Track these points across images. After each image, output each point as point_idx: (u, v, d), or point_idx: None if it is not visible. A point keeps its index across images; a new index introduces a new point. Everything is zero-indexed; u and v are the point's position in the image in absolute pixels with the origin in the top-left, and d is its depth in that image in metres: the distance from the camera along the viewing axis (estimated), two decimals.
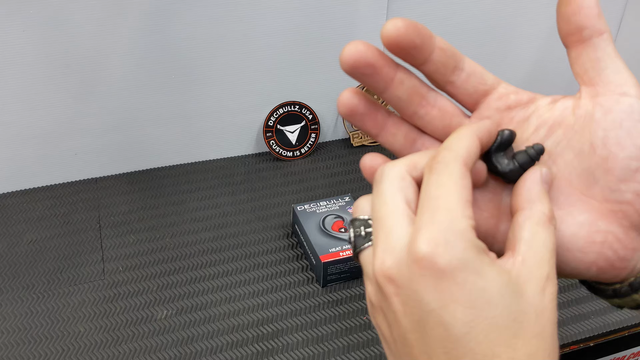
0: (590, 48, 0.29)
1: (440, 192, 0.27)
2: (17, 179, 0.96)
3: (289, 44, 0.99)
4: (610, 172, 0.28)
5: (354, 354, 0.72)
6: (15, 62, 0.86)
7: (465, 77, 0.31)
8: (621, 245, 0.29)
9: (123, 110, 0.96)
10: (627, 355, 0.80)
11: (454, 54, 0.31)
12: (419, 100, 0.31)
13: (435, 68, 0.30)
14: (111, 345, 0.72)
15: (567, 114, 0.30)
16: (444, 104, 0.32)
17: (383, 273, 0.27)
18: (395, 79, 0.30)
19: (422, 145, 0.33)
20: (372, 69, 0.29)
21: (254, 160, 1.06)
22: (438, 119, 0.32)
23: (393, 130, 0.32)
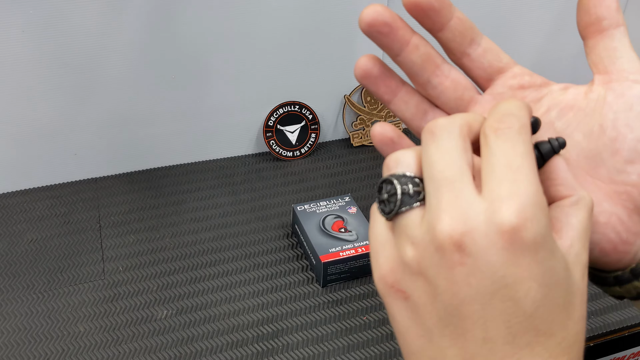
0: (608, 38, 0.30)
1: (520, 162, 0.25)
2: (17, 179, 0.96)
3: (289, 44, 0.99)
4: (617, 153, 0.29)
5: (354, 354, 0.72)
6: (15, 62, 0.86)
7: (482, 52, 0.32)
8: (624, 227, 0.30)
9: (123, 110, 0.96)
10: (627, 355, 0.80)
11: (472, 28, 0.32)
12: (432, 69, 0.32)
13: (452, 36, 0.31)
14: (111, 345, 0.72)
15: (579, 98, 0.31)
16: (458, 76, 0.33)
17: (451, 239, 0.25)
18: (410, 43, 0.31)
19: (432, 118, 0.33)
20: (389, 29, 0.30)
21: (254, 160, 1.06)
22: (451, 90, 0.33)
23: (405, 99, 0.33)
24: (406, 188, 0.27)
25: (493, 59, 0.33)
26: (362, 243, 0.81)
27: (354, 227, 0.84)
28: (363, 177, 1.03)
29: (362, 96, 1.09)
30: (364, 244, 0.81)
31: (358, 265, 0.81)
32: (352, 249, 0.80)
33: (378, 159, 1.08)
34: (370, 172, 1.04)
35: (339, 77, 1.06)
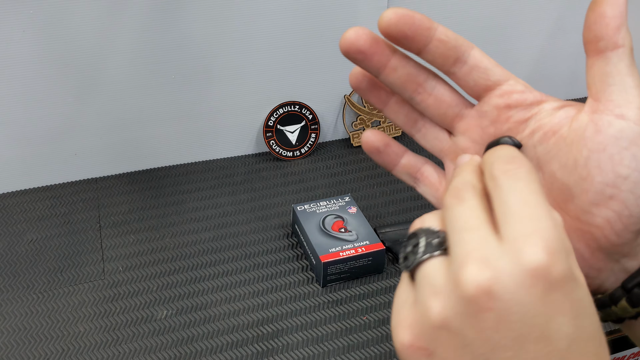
0: (602, 61, 0.28)
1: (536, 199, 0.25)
2: (17, 179, 0.96)
3: (289, 44, 0.99)
4: (585, 193, 0.28)
5: (354, 354, 0.72)
6: (15, 62, 0.86)
7: (467, 70, 0.31)
8: (586, 264, 0.29)
9: (123, 110, 0.96)
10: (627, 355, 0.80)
11: (457, 47, 0.31)
12: (414, 87, 0.33)
13: (432, 58, 0.31)
14: (111, 345, 0.72)
15: (564, 124, 0.29)
16: (442, 93, 0.33)
17: (477, 285, 0.24)
18: (388, 66, 0.32)
19: (422, 127, 0.34)
20: (363, 55, 0.31)
21: (254, 160, 1.06)
22: (433, 107, 0.33)
23: (395, 108, 0.35)
24: (429, 238, 0.27)
25: (479, 77, 0.31)
26: (362, 243, 0.81)
27: (354, 227, 0.84)
28: (363, 177, 1.03)
29: None
30: (363, 244, 0.81)
31: (358, 265, 0.81)
32: (352, 249, 0.80)
33: None
34: (370, 172, 1.04)
35: (339, 77, 1.06)
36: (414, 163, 0.36)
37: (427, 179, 0.35)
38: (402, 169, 0.36)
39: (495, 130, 0.32)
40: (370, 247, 0.81)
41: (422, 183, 0.36)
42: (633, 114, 0.27)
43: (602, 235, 0.28)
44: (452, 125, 0.34)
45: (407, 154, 0.36)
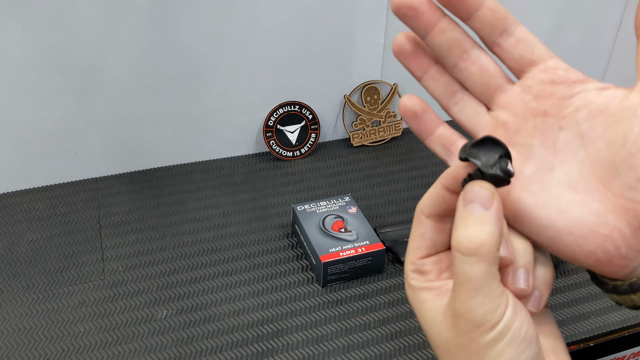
0: None
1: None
2: (17, 179, 0.96)
3: (289, 44, 0.99)
4: (633, 170, 0.28)
5: (354, 354, 0.72)
6: (15, 62, 0.86)
7: (513, 42, 0.32)
8: (625, 243, 0.29)
9: (123, 110, 0.96)
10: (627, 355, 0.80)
11: (505, 18, 0.31)
12: (459, 53, 0.32)
13: (480, 26, 0.31)
14: (111, 345, 0.72)
15: (613, 103, 0.30)
16: (486, 62, 0.33)
17: None
18: (437, 26, 0.32)
19: (460, 99, 0.34)
20: (414, 12, 0.31)
21: (254, 160, 1.06)
22: (476, 76, 0.33)
23: (435, 77, 0.34)
24: None
25: (525, 50, 0.32)
26: (362, 243, 0.81)
27: (354, 227, 0.84)
28: (363, 177, 1.03)
29: (362, 96, 1.09)
30: (363, 244, 0.81)
31: (358, 265, 0.81)
32: (352, 249, 0.80)
33: (378, 159, 1.08)
34: (370, 172, 1.04)
35: (339, 77, 1.06)
36: (449, 135, 0.35)
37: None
38: (436, 139, 0.35)
39: (538, 105, 0.32)
40: (370, 247, 0.81)
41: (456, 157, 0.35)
42: None
43: None
44: (493, 97, 0.33)
45: (443, 125, 0.35)
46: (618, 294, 0.31)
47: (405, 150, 1.10)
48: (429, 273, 0.32)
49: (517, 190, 0.32)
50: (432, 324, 0.31)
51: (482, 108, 0.34)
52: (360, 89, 1.08)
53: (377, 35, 1.04)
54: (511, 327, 0.28)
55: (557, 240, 0.31)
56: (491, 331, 0.28)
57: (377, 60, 1.06)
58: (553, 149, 0.31)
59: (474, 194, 0.29)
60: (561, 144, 0.31)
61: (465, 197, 0.29)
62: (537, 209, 0.31)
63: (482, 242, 0.28)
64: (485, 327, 0.28)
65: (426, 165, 1.06)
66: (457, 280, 0.28)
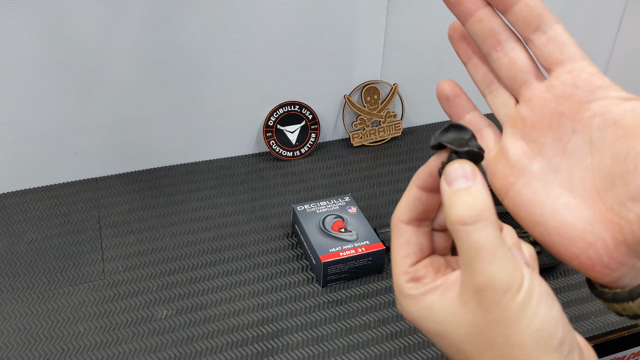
0: None
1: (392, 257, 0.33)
2: (17, 179, 0.96)
3: (289, 44, 0.99)
4: (626, 186, 0.28)
5: (354, 354, 0.72)
6: (16, 62, 0.86)
7: (545, 41, 0.32)
8: (607, 253, 0.30)
9: (123, 110, 0.96)
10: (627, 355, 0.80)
11: (542, 16, 0.32)
12: (493, 43, 0.34)
13: (515, 20, 0.32)
14: (111, 345, 0.72)
15: (629, 115, 0.29)
16: (517, 56, 0.33)
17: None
18: (475, 15, 0.33)
19: (495, 89, 0.35)
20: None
21: (254, 160, 1.06)
22: (505, 68, 0.34)
23: (477, 64, 0.36)
24: None
25: (554, 49, 0.32)
26: (362, 243, 0.81)
27: (354, 227, 0.84)
28: (363, 177, 1.03)
29: (362, 96, 1.09)
30: (363, 244, 0.81)
31: (358, 265, 0.81)
32: (352, 249, 0.80)
33: (378, 159, 1.08)
34: (370, 172, 1.04)
35: (339, 77, 1.06)
36: (477, 121, 0.36)
37: (484, 141, 0.36)
38: (466, 124, 0.36)
39: (557, 105, 0.32)
40: (370, 247, 0.81)
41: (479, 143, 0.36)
42: None
43: (631, 230, 0.28)
44: (520, 91, 0.34)
45: (474, 112, 0.36)
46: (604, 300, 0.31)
47: (405, 150, 1.10)
48: (425, 277, 0.32)
49: (520, 184, 0.33)
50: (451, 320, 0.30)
51: (511, 100, 0.35)
52: (360, 89, 1.08)
53: (377, 35, 1.04)
54: (534, 284, 0.28)
55: (546, 238, 0.31)
56: (519, 292, 0.28)
57: (377, 60, 1.06)
58: (563, 151, 0.32)
59: (456, 172, 0.29)
60: (572, 147, 0.31)
61: (447, 178, 0.30)
62: (534, 205, 0.32)
63: (483, 207, 0.28)
64: (513, 290, 0.28)
65: None
66: (468, 255, 0.28)
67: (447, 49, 1.11)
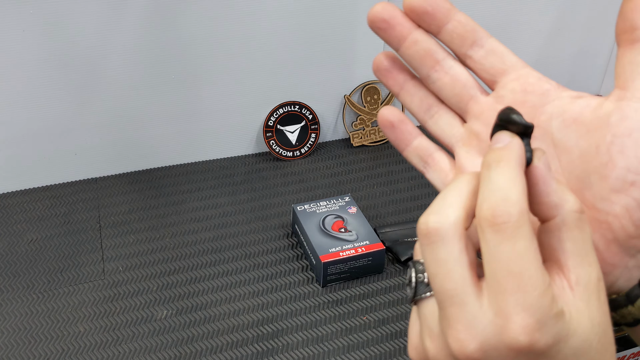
0: (635, 51, 0.28)
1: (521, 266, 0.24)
2: (17, 179, 0.96)
3: (289, 44, 0.99)
4: (605, 180, 0.27)
5: (354, 354, 0.72)
6: (15, 62, 0.86)
7: (484, 54, 0.32)
8: (600, 257, 0.28)
9: (123, 110, 0.96)
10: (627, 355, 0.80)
11: (474, 30, 0.32)
12: (432, 64, 0.33)
13: (451, 38, 0.32)
14: (111, 345, 0.72)
15: (586, 111, 0.29)
16: (459, 73, 0.33)
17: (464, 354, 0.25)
18: (409, 38, 0.33)
19: (435, 113, 0.34)
20: (387, 25, 0.32)
21: (254, 160, 1.06)
22: (449, 87, 0.33)
23: (411, 92, 0.35)
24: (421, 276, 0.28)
25: (495, 60, 0.32)
26: (362, 243, 0.81)
27: (354, 227, 0.84)
28: (363, 177, 1.03)
29: (362, 96, 1.09)
30: (363, 244, 0.81)
31: (358, 265, 0.81)
32: (352, 249, 0.80)
33: (378, 159, 1.08)
34: (370, 172, 1.04)
35: (339, 77, 1.06)
36: (426, 146, 0.35)
37: (437, 165, 0.35)
38: (413, 151, 0.35)
39: None
40: (370, 247, 0.81)
41: (432, 169, 0.35)
42: None
43: (620, 225, 0.27)
44: (467, 107, 0.33)
45: (421, 137, 0.35)
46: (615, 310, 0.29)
47: None
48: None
49: None
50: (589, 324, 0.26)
51: (456, 120, 0.34)
52: (360, 89, 1.08)
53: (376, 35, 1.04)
54: None
55: None
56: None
57: None
58: None
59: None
60: None
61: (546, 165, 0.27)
62: None
63: None
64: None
65: None
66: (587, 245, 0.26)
67: None
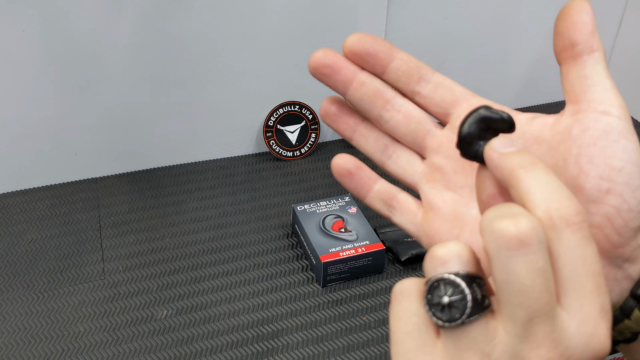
0: (580, 65, 0.28)
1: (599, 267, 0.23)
2: (17, 179, 0.96)
3: (289, 43, 0.99)
4: (580, 191, 0.27)
5: (354, 354, 0.72)
6: (15, 61, 0.86)
7: (432, 88, 0.32)
8: None
9: (123, 110, 0.96)
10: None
11: (419, 67, 0.32)
12: (382, 104, 0.32)
13: (396, 77, 0.32)
14: (111, 345, 0.72)
15: (545, 129, 0.29)
16: (410, 109, 0.33)
17: None
18: (355, 80, 0.32)
19: (393, 152, 0.34)
20: (331, 70, 0.32)
21: (254, 160, 1.06)
22: (403, 124, 0.33)
23: (364, 134, 0.34)
24: (476, 292, 0.23)
25: (445, 93, 0.32)
26: (362, 243, 0.81)
27: (354, 227, 0.84)
28: None
29: None
30: (363, 244, 0.81)
31: (358, 265, 0.81)
32: (352, 249, 0.80)
33: None
34: None
35: None
36: (388, 189, 0.34)
37: (403, 206, 0.34)
38: (376, 196, 0.34)
39: None
40: (370, 247, 0.81)
41: (399, 211, 0.34)
42: (616, 111, 0.27)
43: (603, 235, 0.27)
44: (424, 143, 0.33)
45: (381, 180, 0.34)
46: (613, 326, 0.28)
47: None
48: None
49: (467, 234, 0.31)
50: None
51: (415, 157, 0.34)
52: None
53: (377, 35, 1.04)
54: None
55: None
56: None
57: None
58: None
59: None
60: None
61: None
62: None
63: None
64: None
65: None
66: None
67: (447, 49, 1.11)
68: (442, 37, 1.09)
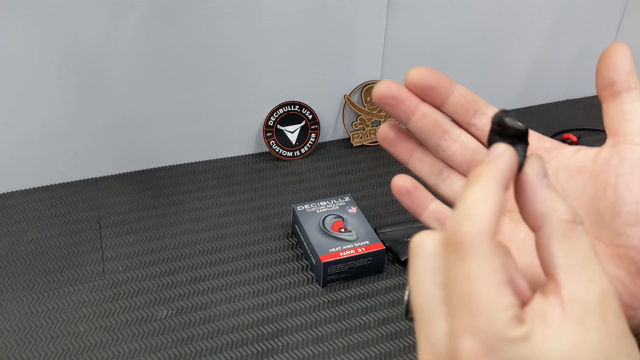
0: (619, 101, 0.31)
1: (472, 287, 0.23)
2: (17, 179, 0.96)
3: (289, 44, 0.99)
4: (618, 216, 0.29)
5: (354, 354, 0.72)
6: (16, 62, 0.86)
7: (487, 121, 0.34)
8: (628, 291, 0.29)
9: (123, 110, 0.96)
10: None
11: (475, 100, 0.34)
12: (441, 134, 0.35)
13: (454, 110, 0.34)
14: (111, 345, 0.72)
15: (587, 161, 0.32)
16: (467, 140, 0.35)
17: None
18: (417, 112, 0.34)
19: (447, 177, 0.36)
20: (395, 101, 0.34)
21: (254, 160, 1.06)
22: (459, 154, 0.35)
23: (421, 159, 0.36)
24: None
25: None
26: (362, 243, 0.81)
27: (354, 227, 0.84)
28: (363, 177, 1.03)
29: (362, 96, 1.09)
30: (363, 244, 0.81)
31: (358, 265, 0.81)
32: (352, 249, 0.80)
33: (378, 159, 1.08)
34: (370, 172, 1.04)
35: (339, 77, 1.06)
36: (442, 209, 0.36)
37: None
38: (431, 214, 0.36)
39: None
40: (370, 247, 0.81)
41: None
42: None
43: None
44: None
45: (435, 201, 0.37)
46: None
47: None
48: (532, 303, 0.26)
49: (514, 253, 0.32)
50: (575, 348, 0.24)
51: None
52: (360, 89, 1.08)
53: (377, 35, 1.04)
54: None
55: None
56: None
57: (377, 60, 1.06)
58: None
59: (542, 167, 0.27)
60: None
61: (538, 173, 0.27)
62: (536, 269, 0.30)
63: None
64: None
65: None
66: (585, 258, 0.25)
67: (447, 49, 1.11)
68: (442, 37, 1.09)
